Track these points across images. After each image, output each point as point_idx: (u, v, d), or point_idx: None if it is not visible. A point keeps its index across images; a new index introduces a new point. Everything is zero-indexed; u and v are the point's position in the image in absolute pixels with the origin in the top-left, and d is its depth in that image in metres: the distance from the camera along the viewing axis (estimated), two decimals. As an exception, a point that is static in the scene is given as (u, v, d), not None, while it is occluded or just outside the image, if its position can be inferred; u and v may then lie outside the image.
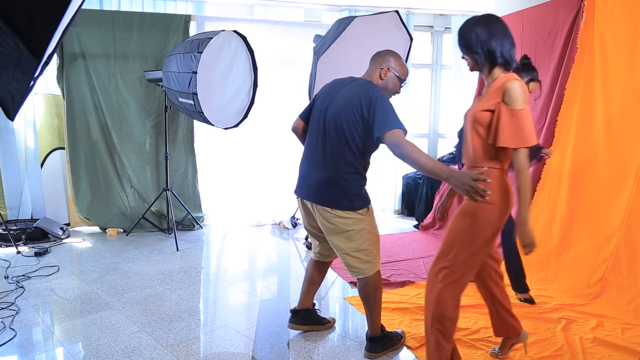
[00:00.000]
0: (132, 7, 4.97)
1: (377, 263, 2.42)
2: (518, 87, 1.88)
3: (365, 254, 2.37)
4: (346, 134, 2.24)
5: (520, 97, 1.88)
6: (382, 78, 2.37)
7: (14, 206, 4.74)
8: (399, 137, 2.10)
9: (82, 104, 4.74)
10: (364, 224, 2.35)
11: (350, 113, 2.23)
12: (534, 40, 4.15)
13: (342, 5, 5.41)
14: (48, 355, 2.48)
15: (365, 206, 2.38)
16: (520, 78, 1.93)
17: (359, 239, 2.35)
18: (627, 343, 2.55)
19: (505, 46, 1.94)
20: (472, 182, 1.82)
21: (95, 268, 3.76)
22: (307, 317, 2.74)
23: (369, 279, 2.40)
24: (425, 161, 2.02)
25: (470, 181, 1.82)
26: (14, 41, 1.21)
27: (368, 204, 2.40)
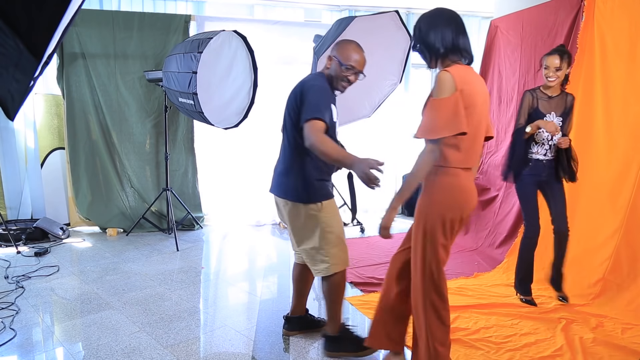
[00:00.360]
0: (132, 7, 4.97)
1: (336, 264, 2.32)
2: (440, 78, 1.85)
3: (321, 253, 2.30)
4: (292, 124, 2.25)
5: (440, 88, 1.85)
6: (328, 67, 2.33)
7: (14, 206, 4.74)
8: (311, 129, 2.08)
9: (82, 104, 4.74)
10: (317, 220, 2.27)
11: (291, 103, 2.26)
12: (534, 40, 4.15)
13: (342, 5, 5.40)
14: (48, 355, 2.48)
15: (318, 200, 2.28)
16: (449, 69, 1.87)
17: (312, 237, 2.28)
18: (627, 343, 2.55)
19: (446, 36, 1.92)
20: (367, 170, 1.88)
21: (95, 268, 3.76)
22: (301, 322, 2.71)
23: (329, 278, 2.34)
24: (331, 152, 2.03)
25: (365, 169, 1.88)
26: (14, 41, 1.21)
27: (322, 199, 2.29)
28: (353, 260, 3.94)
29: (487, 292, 3.29)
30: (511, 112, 4.42)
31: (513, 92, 4.40)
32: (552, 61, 2.85)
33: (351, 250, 4.23)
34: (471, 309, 2.97)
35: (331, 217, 2.32)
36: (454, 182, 1.95)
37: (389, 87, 4.79)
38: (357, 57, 2.31)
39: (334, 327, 2.44)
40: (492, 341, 2.57)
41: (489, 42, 4.80)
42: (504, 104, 4.56)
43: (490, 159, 4.65)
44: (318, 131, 2.07)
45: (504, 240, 4.05)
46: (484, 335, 2.64)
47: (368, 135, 5.61)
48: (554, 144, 2.94)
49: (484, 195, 4.51)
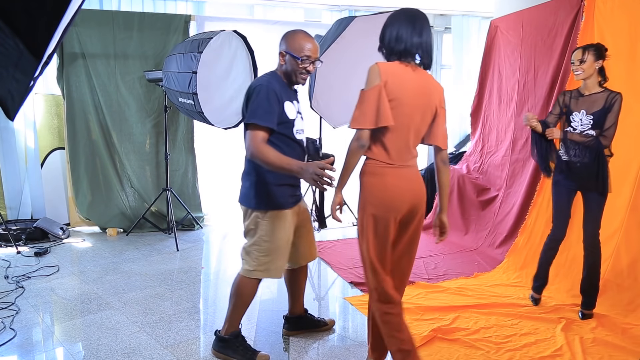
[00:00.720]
0: (132, 7, 4.96)
1: (260, 271, 2.29)
2: (368, 70, 1.88)
3: (250, 256, 2.30)
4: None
5: (367, 80, 1.88)
6: (282, 64, 2.25)
7: (14, 206, 4.74)
8: (250, 139, 2.07)
9: (82, 104, 4.74)
10: (258, 226, 2.26)
11: (242, 106, 2.25)
12: (534, 40, 4.15)
13: (342, 5, 5.40)
14: (48, 355, 2.48)
15: (262, 209, 2.25)
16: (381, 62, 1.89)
17: (251, 238, 2.30)
18: (627, 343, 2.55)
19: (400, 35, 1.91)
20: (318, 171, 1.88)
21: (95, 268, 3.76)
22: (300, 322, 2.71)
23: (241, 279, 2.34)
24: (273, 160, 2.01)
25: (316, 169, 1.88)
26: (14, 41, 1.21)
27: (270, 208, 2.25)
28: (353, 260, 3.96)
29: (487, 292, 3.30)
30: (511, 112, 4.41)
31: (513, 92, 4.40)
32: (576, 55, 2.74)
33: (351, 250, 4.28)
34: (471, 309, 2.97)
35: (275, 229, 2.26)
36: (378, 181, 1.94)
37: (389, 87, 4.79)
38: (310, 45, 2.21)
39: (226, 329, 2.40)
40: (492, 341, 2.57)
41: (489, 42, 4.80)
42: (504, 103, 4.56)
43: (490, 159, 4.65)
44: (256, 141, 2.05)
45: (504, 240, 4.05)
46: (484, 335, 2.64)
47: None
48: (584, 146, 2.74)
49: (484, 195, 4.51)
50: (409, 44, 1.91)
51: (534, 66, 4.14)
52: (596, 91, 2.77)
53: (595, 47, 2.73)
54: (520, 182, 4.11)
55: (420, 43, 1.93)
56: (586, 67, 2.71)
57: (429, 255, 4.15)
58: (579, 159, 2.76)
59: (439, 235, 2.22)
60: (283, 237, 2.30)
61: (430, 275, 3.64)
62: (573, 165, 2.80)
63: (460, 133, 5.81)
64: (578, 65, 2.73)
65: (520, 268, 3.61)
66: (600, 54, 2.71)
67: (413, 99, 1.90)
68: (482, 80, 4.90)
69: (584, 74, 2.74)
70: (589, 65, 2.71)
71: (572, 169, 2.81)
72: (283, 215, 2.29)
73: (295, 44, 2.19)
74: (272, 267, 2.30)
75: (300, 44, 2.19)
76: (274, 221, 2.26)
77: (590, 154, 2.71)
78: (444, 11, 5.79)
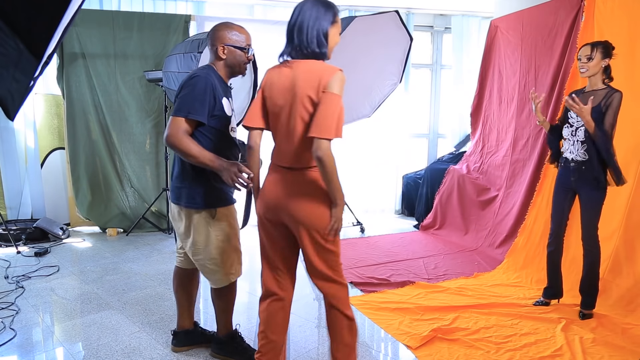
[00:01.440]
0: (132, 7, 4.97)
1: (233, 274, 2.25)
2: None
3: (214, 263, 2.19)
4: None
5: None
6: (223, 57, 2.15)
7: (14, 206, 4.74)
8: (172, 125, 1.98)
9: (82, 104, 4.74)
10: (211, 228, 2.14)
11: (175, 96, 2.15)
12: (534, 40, 4.15)
13: (342, 5, 5.40)
14: (48, 355, 2.48)
15: (212, 207, 2.14)
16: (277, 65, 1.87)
17: (206, 246, 2.16)
18: (627, 343, 2.55)
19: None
20: (237, 172, 1.91)
21: (95, 268, 3.76)
22: (189, 337, 2.50)
23: (217, 289, 2.28)
24: (195, 153, 1.97)
25: (236, 170, 1.91)
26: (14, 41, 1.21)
27: (219, 205, 2.15)
28: (353, 260, 3.96)
29: (487, 292, 3.29)
30: (511, 112, 4.41)
31: (514, 92, 4.40)
32: (584, 51, 2.69)
33: (351, 250, 4.28)
34: (471, 309, 2.97)
35: (228, 225, 2.18)
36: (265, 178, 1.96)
37: (389, 87, 4.79)
38: (246, 34, 2.18)
39: (221, 330, 2.38)
40: (492, 341, 2.57)
41: (489, 42, 4.80)
42: (504, 104, 4.56)
43: (490, 159, 4.65)
44: (179, 131, 1.97)
45: (504, 240, 4.05)
46: (484, 335, 2.64)
47: (368, 135, 5.62)
48: (580, 141, 2.73)
49: (484, 195, 4.51)
50: (285, 45, 1.86)
51: (535, 66, 4.14)
52: (597, 88, 2.74)
53: (604, 45, 2.68)
54: (521, 182, 4.11)
55: (291, 30, 1.81)
56: (593, 64, 2.67)
57: (429, 255, 4.15)
58: (580, 157, 2.75)
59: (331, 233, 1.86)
60: (237, 233, 2.25)
61: (430, 275, 3.64)
62: (568, 163, 2.82)
63: (460, 133, 5.82)
64: (585, 62, 2.68)
65: (520, 268, 3.61)
66: (608, 52, 2.68)
67: (279, 100, 1.83)
68: (482, 80, 4.90)
69: (590, 72, 2.70)
70: (596, 63, 2.67)
71: (567, 166, 2.83)
72: (232, 211, 2.23)
73: (236, 36, 2.15)
74: (238, 265, 2.27)
75: (241, 35, 2.15)
76: (226, 218, 2.18)
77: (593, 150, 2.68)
78: (444, 11, 5.79)
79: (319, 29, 1.78)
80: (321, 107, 1.71)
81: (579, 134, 2.76)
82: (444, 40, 6.02)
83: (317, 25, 1.78)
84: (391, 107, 5.43)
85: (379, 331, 2.76)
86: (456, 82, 5.79)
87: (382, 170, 5.77)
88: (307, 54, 1.79)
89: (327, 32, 1.80)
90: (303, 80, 1.76)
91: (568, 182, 2.85)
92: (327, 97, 1.71)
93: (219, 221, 2.16)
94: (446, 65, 6.03)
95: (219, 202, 2.16)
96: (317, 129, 1.69)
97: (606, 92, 2.70)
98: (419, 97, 6.04)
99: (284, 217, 1.87)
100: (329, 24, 1.80)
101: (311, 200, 1.81)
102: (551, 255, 3.00)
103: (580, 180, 2.77)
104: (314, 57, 1.80)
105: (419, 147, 6.16)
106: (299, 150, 1.81)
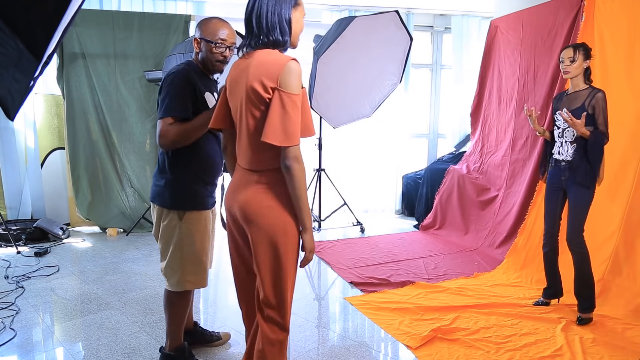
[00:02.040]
0: (132, 7, 4.97)
1: (188, 282, 2.12)
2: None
3: (174, 264, 2.10)
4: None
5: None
6: (198, 51, 2.08)
7: (14, 206, 4.74)
8: (160, 128, 1.95)
9: (82, 104, 4.74)
10: (176, 230, 2.07)
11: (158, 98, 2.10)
12: (534, 40, 4.16)
13: (342, 5, 5.41)
14: (48, 355, 2.48)
15: (182, 209, 2.06)
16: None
17: (168, 246, 2.09)
18: (627, 343, 2.55)
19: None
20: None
21: (95, 268, 3.76)
22: (190, 338, 2.45)
23: (169, 294, 2.17)
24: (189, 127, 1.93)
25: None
26: (14, 41, 1.21)
27: (189, 208, 2.07)
28: (353, 260, 3.96)
29: (487, 292, 3.30)
30: (511, 112, 4.42)
31: (513, 92, 4.40)
32: (566, 53, 2.77)
33: (351, 250, 4.28)
34: (471, 309, 2.97)
35: (194, 231, 2.08)
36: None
37: (389, 87, 4.80)
38: (225, 30, 2.08)
39: (169, 344, 2.24)
40: (492, 341, 2.57)
41: (489, 42, 4.80)
42: (503, 103, 4.56)
43: (490, 158, 4.65)
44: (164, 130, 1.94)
45: (504, 240, 4.05)
46: (484, 335, 2.64)
47: (368, 135, 5.62)
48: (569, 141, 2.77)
49: (484, 195, 4.51)
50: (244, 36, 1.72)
51: (534, 66, 4.14)
52: (580, 89, 2.81)
53: (584, 47, 2.78)
54: (520, 182, 4.11)
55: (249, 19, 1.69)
56: (576, 66, 2.75)
57: (429, 255, 4.15)
58: (568, 157, 2.79)
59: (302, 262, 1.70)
60: (205, 241, 2.14)
61: (430, 275, 3.64)
62: (558, 164, 2.85)
63: (460, 133, 5.82)
64: (569, 65, 2.76)
65: (520, 268, 3.61)
66: (588, 54, 2.77)
67: (234, 96, 1.69)
68: (482, 80, 4.90)
69: (572, 73, 2.77)
70: (578, 65, 2.75)
71: (557, 166, 2.86)
72: (204, 217, 2.13)
73: (210, 29, 2.06)
74: (198, 276, 2.14)
75: (215, 28, 2.06)
76: (195, 223, 2.09)
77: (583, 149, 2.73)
78: (444, 11, 5.79)
79: (280, 14, 1.62)
80: (272, 108, 1.54)
81: (566, 135, 2.80)
82: (444, 40, 6.02)
83: (278, 10, 1.62)
84: (391, 107, 5.44)
85: (379, 331, 2.76)
86: (456, 82, 5.79)
87: (382, 170, 5.77)
88: (268, 42, 1.63)
89: (289, 17, 1.64)
90: (251, 72, 1.59)
91: (559, 181, 2.87)
92: (277, 97, 1.54)
93: (187, 224, 2.07)
94: (446, 65, 6.03)
95: (189, 205, 2.08)
96: (269, 134, 1.52)
97: (589, 92, 2.76)
98: (419, 97, 6.04)
99: (243, 221, 1.68)
100: (290, 8, 1.64)
101: (272, 206, 1.62)
102: (547, 255, 3.00)
103: (570, 179, 2.79)
104: (276, 46, 1.64)
105: (419, 147, 6.16)
106: (256, 150, 1.64)
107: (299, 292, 3.41)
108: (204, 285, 2.19)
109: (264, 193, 1.63)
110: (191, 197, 2.08)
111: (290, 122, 1.53)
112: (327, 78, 4.43)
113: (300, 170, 1.56)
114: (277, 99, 1.53)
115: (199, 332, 2.52)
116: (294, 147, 1.54)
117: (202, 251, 2.13)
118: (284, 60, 1.56)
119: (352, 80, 4.60)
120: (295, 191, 1.58)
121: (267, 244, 1.63)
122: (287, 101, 1.53)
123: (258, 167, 1.65)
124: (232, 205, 1.72)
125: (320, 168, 4.86)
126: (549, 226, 2.97)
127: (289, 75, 1.55)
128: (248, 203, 1.64)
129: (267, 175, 1.64)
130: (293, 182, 1.57)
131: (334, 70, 4.39)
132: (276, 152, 1.59)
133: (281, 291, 1.67)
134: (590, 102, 2.72)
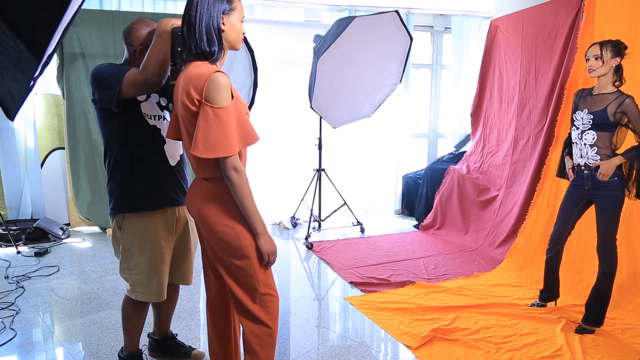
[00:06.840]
0: (132, 7, 4.97)
1: (138, 292, 2.00)
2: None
3: (121, 271, 2.03)
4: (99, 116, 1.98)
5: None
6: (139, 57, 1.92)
7: (14, 206, 4.74)
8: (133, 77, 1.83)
9: (82, 104, 4.73)
10: (117, 233, 2.00)
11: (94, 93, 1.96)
12: (534, 40, 4.16)
13: (342, 5, 5.40)
14: (48, 355, 2.48)
15: (120, 211, 1.95)
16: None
17: (117, 253, 2.04)
18: (627, 343, 2.55)
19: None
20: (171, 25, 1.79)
21: (95, 268, 3.76)
22: (159, 346, 2.42)
23: (125, 298, 2.10)
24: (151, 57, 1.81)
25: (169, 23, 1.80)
26: (14, 41, 1.21)
27: (127, 210, 1.94)
28: (353, 260, 3.96)
29: (487, 292, 3.30)
30: (512, 112, 4.41)
31: (514, 92, 4.40)
32: (592, 51, 2.55)
33: (351, 250, 4.28)
34: (471, 309, 2.97)
35: (138, 239, 1.95)
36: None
37: (389, 87, 4.79)
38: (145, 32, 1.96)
39: (124, 347, 2.21)
40: (492, 341, 2.57)
41: (489, 42, 4.80)
42: (504, 104, 4.56)
43: (491, 159, 4.65)
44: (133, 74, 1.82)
45: (504, 240, 4.05)
46: (484, 335, 2.64)
47: (368, 135, 5.62)
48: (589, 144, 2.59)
49: (484, 195, 4.51)
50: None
51: (535, 66, 4.14)
52: (607, 91, 2.58)
53: (614, 44, 2.53)
54: (521, 182, 4.11)
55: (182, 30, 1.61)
56: (602, 64, 2.52)
57: (429, 255, 4.15)
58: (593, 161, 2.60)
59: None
60: (157, 250, 1.97)
61: (430, 275, 3.64)
62: (582, 172, 2.67)
63: (460, 133, 5.82)
64: (594, 62, 2.53)
65: (520, 268, 3.61)
66: (619, 51, 2.52)
67: (175, 107, 1.70)
68: (482, 80, 4.90)
69: (598, 72, 2.55)
70: (607, 63, 2.52)
71: (579, 172, 2.69)
72: (151, 222, 1.96)
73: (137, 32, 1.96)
74: (147, 288, 1.99)
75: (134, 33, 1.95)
76: (139, 232, 1.95)
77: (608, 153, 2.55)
78: (444, 11, 5.79)
79: (207, 24, 1.56)
80: (198, 121, 1.53)
81: (586, 137, 2.60)
82: (444, 40, 6.02)
83: (205, 21, 1.56)
84: (391, 107, 5.43)
85: (379, 331, 2.76)
86: (456, 82, 5.79)
87: (382, 170, 5.77)
88: (198, 54, 1.59)
89: (217, 26, 1.58)
90: (182, 86, 1.59)
91: (582, 191, 2.69)
92: (202, 110, 1.52)
93: (126, 229, 1.97)
94: (446, 65, 6.03)
95: (127, 208, 1.95)
96: (193, 147, 1.54)
97: (615, 96, 2.54)
98: (419, 97, 6.04)
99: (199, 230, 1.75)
100: (219, 15, 1.58)
101: (224, 224, 1.63)
102: (550, 260, 2.95)
103: (595, 186, 2.60)
104: (205, 58, 1.59)
105: (419, 147, 6.16)
106: (197, 161, 1.63)
107: (299, 292, 3.41)
108: (158, 299, 2.03)
109: (213, 208, 1.64)
110: (128, 199, 1.94)
111: (213, 135, 1.52)
112: (327, 78, 4.42)
113: (240, 179, 1.58)
114: (202, 112, 1.53)
115: (168, 344, 2.40)
116: (230, 157, 1.55)
117: (152, 263, 1.97)
118: (208, 73, 1.54)
119: (352, 80, 4.60)
120: (240, 198, 1.59)
121: (228, 262, 1.67)
122: (210, 114, 1.52)
123: (204, 175, 1.68)
124: (190, 208, 1.75)
125: (320, 168, 4.87)
126: (558, 233, 2.86)
127: (213, 87, 1.52)
128: (202, 217, 1.67)
129: (214, 184, 1.66)
130: (235, 190, 1.58)
131: (334, 70, 4.39)
132: (216, 162, 1.59)
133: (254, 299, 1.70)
134: (618, 108, 2.49)
